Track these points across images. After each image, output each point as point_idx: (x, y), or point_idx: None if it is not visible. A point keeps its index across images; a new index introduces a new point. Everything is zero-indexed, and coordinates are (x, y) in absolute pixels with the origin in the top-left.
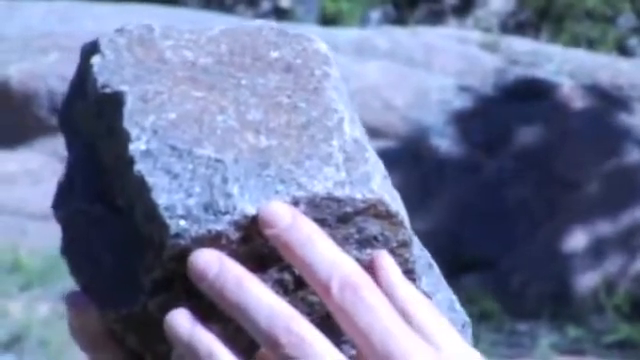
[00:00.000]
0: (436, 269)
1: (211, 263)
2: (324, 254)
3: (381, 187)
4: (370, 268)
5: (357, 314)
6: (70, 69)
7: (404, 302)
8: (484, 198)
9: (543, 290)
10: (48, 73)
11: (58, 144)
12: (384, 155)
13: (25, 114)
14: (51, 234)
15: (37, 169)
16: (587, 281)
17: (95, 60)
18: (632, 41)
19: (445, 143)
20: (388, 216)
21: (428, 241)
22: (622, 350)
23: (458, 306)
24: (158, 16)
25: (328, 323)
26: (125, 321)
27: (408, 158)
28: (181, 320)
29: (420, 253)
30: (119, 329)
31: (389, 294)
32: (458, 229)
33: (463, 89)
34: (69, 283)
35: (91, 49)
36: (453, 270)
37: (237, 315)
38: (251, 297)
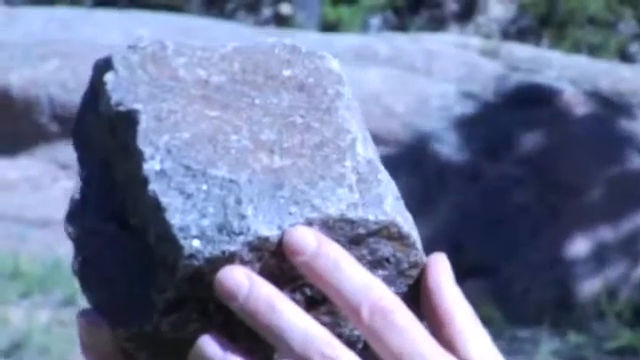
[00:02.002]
0: None
1: (241, 282)
2: (353, 279)
3: (394, 209)
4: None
5: (388, 338)
6: (71, 76)
7: (448, 306)
8: (485, 204)
9: (544, 296)
10: (49, 80)
11: (58, 151)
12: (385, 162)
13: (25, 121)
14: (51, 241)
15: (37, 176)
16: (589, 287)
17: (108, 77)
18: (633, 47)
19: (446, 149)
20: (400, 238)
21: (429, 247)
22: (623, 356)
23: None
24: (159, 23)
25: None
26: (137, 340)
27: (409, 164)
28: (211, 346)
29: None
30: (131, 347)
31: (435, 295)
32: (459, 235)
33: (464, 95)
34: (69, 290)
35: (104, 65)
36: (454, 276)
37: (270, 336)
38: (284, 319)
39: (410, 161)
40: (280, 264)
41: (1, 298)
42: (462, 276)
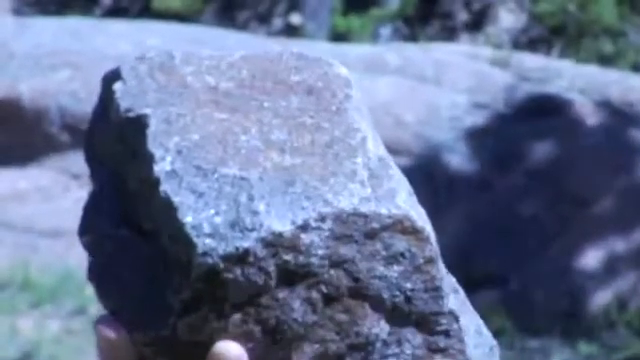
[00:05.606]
0: (461, 293)
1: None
2: None
3: (407, 203)
4: None
5: None
6: (81, 86)
7: None
8: (495, 215)
9: (555, 307)
10: (59, 90)
11: (69, 161)
12: None
13: (36, 131)
14: (61, 251)
15: (47, 186)
16: (599, 298)
17: (117, 86)
18: None
19: (456, 159)
20: (414, 232)
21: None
22: None
23: (485, 330)
24: (170, 33)
25: (357, 343)
26: (155, 344)
27: (419, 174)
28: (232, 348)
29: (446, 277)
30: (149, 352)
31: None
32: (469, 246)
33: (474, 105)
34: (80, 300)
35: (112, 77)
36: (464, 287)
37: None
38: None
39: (420, 171)
40: (295, 260)
41: (11, 308)
42: (472, 286)
